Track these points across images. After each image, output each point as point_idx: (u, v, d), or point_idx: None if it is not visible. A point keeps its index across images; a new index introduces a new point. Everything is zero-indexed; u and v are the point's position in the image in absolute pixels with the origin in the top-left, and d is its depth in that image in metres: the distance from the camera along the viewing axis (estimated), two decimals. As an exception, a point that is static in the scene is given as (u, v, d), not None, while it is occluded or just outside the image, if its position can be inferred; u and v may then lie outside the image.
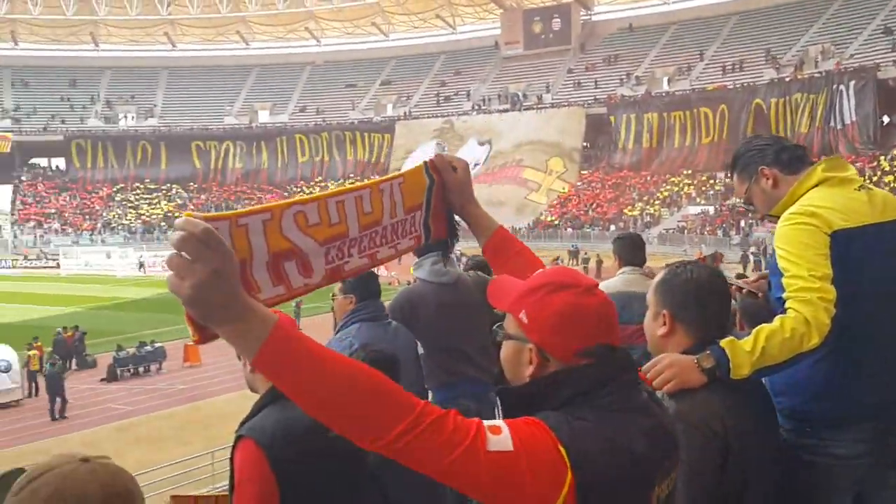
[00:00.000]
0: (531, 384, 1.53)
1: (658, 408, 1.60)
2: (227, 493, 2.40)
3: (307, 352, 1.33)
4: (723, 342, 2.16)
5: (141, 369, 24.21)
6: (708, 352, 2.14)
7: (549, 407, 1.47)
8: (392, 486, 2.64)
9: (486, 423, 1.38)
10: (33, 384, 22.04)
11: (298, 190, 74.24)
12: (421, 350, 3.38)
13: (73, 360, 24.77)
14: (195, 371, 23.86)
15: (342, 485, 2.31)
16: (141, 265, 52.94)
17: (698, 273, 2.23)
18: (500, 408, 1.52)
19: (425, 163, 1.94)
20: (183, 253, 1.24)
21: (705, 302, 2.20)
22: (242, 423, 2.25)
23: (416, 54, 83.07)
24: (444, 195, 1.97)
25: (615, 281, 4.31)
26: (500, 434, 1.36)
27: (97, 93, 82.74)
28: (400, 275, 38.99)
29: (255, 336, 1.30)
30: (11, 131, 75.34)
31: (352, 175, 73.88)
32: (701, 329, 2.20)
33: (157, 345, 24.72)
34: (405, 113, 74.74)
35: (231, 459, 2.20)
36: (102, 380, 23.42)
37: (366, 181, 1.85)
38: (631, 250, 4.48)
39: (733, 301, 2.74)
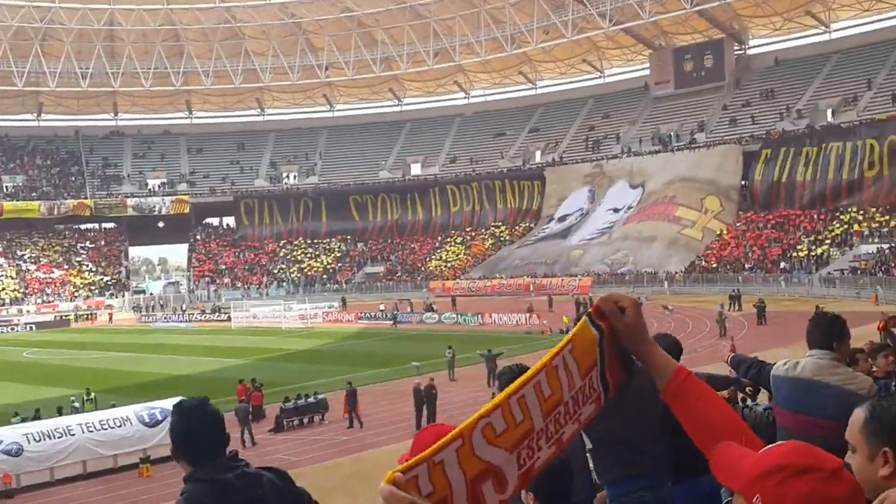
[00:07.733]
0: None
1: None
2: None
3: None
4: None
5: (305, 420, 25.04)
6: None
7: None
8: None
9: None
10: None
11: (451, 239, 75.53)
12: (589, 445, 3.17)
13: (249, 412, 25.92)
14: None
15: None
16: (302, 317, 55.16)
17: None
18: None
19: (588, 314, 1.86)
20: None
21: None
22: None
23: (564, 100, 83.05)
24: (615, 341, 1.86)
25: (807, 364, 3.96)
26: None
27: (263, 155, 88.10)
28: (551, 324, 38.71)
29: None
30: (188, 194, 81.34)
31: (501, 224, 74.32)
32: None
33: (320, 396, 25.58)
34: (554, 159, 74.67)
35: None
36: (270, 430, 24.36)
37: (538, 365, 1.75)
38: (826, 332, 4.04)
39: None
